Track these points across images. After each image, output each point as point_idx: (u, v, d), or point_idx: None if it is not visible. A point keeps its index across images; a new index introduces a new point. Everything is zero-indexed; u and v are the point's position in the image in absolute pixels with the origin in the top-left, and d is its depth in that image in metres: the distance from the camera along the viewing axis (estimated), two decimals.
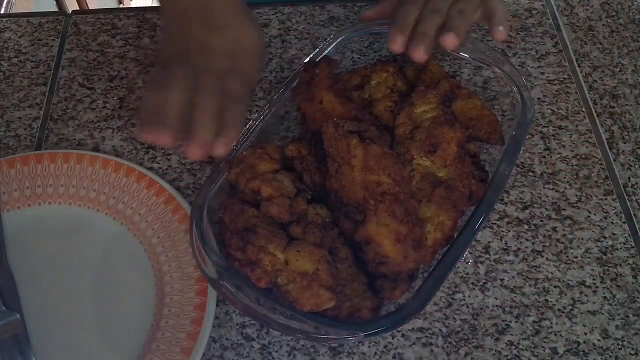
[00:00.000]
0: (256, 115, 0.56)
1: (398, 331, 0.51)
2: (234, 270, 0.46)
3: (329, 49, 0.61)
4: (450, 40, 0.54)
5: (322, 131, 0.50)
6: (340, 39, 0.62)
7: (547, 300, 0.53)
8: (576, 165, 0.61)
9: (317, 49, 0.60)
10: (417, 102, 0.54)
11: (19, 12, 1.40)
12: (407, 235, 0.47)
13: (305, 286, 0.45)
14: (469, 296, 0.53)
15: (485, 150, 0.58)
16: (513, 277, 0.54)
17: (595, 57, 0.70)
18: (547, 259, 0.55)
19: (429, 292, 0.46)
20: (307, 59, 0.59)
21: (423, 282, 0.46)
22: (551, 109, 0.65)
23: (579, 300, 0.53)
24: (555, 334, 0.51)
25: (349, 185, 0.49)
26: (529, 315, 0.52)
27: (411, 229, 0.47)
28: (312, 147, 0.53)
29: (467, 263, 0.55)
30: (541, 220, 0.58)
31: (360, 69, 0.60)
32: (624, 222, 0.58)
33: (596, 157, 0.62)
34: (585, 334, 0.52)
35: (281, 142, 0.61)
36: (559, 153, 0.62)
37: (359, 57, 0.69)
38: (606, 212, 0.58)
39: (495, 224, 0.57)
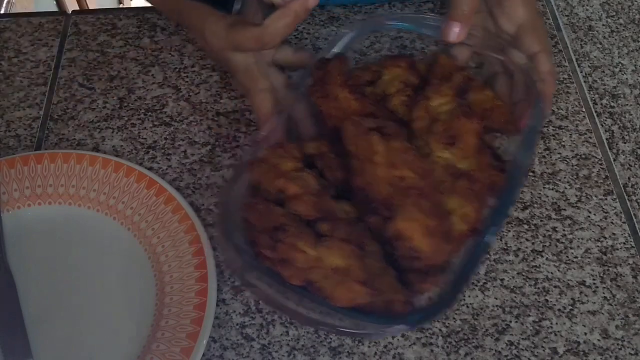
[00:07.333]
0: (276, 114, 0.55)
1: None
2: (266, 269, 0.45)
3: (340, 43, 0.58)
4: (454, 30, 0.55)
5: (342, 130, 0.50)
6: (351, 36, 0.59)
7: (547, 300, 0.53)
8: (576, 165, 0.61)
9: (327, 45, 0.58)
10: (432, 95, 0.53)
11: (19, 12, 1.40)
12: (437, 228, 0.47)
13: (339, 281, 0.44)
14: (469, 296, 0.53)
15: (498, 145, 0.57)
16: (513, 277, 0.54)
17: (595, 57, 0.70)
18: (547, 259, 0.55)
19: (464, 278, 0.46)
20: (319, 56, 0.58)
21: (459, 270, 0.46)
22: (551, 109, 0.65)
23: (579, 300, 0.53)
24: (555, 334, 0.51)
25: (374, 182, 0.48)
26: (529, 315, 0.52)
27: (440, 222, 0.47)
28: (332, 144, 0.53)
29: None
30: (541, 220, 0.57)
31: (371, 65, 0.59)
32: (624, 222, 0.58)
33: (596, 157, 0.62)
34: (585, 334, 0.52)
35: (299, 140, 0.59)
36: (559, 153, 0.62)
37: (360, 57, 0.69)
38: (606, 212, 0.58)
39: None
